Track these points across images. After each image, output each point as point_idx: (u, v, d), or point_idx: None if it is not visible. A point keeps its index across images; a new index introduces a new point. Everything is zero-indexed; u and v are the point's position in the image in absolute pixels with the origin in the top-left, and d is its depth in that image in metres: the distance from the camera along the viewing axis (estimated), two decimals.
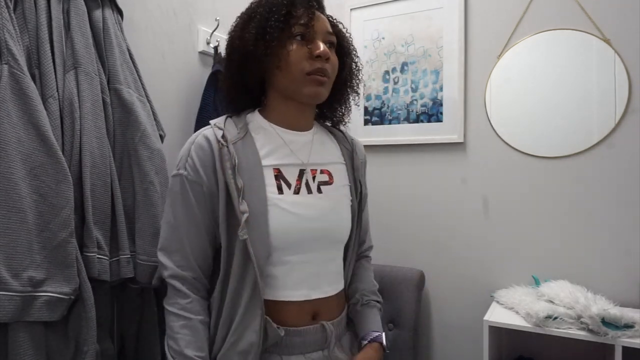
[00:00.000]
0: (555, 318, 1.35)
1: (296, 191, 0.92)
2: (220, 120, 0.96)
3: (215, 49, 1.56)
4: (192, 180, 0.90)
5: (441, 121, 1.81)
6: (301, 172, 0.95)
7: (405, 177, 1.89)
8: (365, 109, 1.96)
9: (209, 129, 0.93)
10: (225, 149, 0.89)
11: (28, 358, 0.92)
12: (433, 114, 1.83)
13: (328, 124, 1.11)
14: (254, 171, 0.89)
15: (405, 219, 1.88)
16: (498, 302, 1.60)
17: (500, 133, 1.72)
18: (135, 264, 1.14)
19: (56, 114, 1.02)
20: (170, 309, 0.90)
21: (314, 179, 0.96)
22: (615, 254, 1.55)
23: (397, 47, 1.90)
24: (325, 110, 1.07)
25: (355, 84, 1.05)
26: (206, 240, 0.92)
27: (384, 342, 1.02)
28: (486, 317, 1.46)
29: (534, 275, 1.64)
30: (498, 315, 1.49)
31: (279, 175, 0.92)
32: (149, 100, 1.25)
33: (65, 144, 1.03)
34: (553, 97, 1.63)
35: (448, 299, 1.81)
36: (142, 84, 1.25)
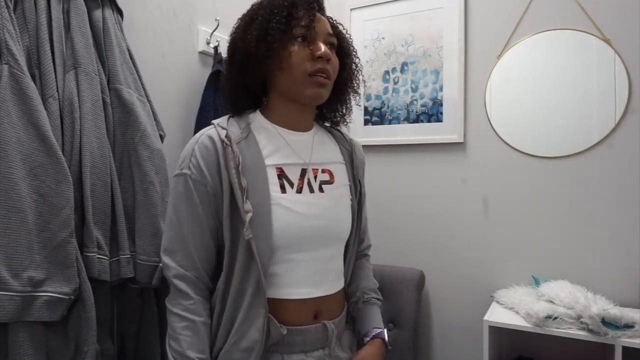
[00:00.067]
0: (555, 318, 1.35)
1: (299, 190, 0.93)
2: (223, 120, 0.96)
3: (215, 49, 1.56)
4: (196, 179, 0.90)
5: (441, 121, 1.81)
6: (303, 172, 0.95)
7: (405, 177, 1.89)
8: (365, 109, 1.96)
9: (212, 128, 0.93)
10: (229, 148, 0.89)
11: (28, 358, 0.92)
12: (433, 114, 1.83)
13: (327, 125, 1.11)
14: (258, 170, 0.90)
15: (405, 219, 1.88)
16: (498, 302, 1.60)
17: (500, 133, 1.72)
18: (135, 264, 1.14)
19: (56, 114, 1.02)
20: (173, 309, 0.90)
21: (315, 178, 0.97)
22: (615, 254, 1.55)
23: (397, 47, 1.90)
24: (325, 111, 1.08)
25: (355, 84, 1.05)
26: (210, 240, 0.92)
27: (386, 339, 1.02)
28: (486, 317, 1.46)
29: (534, 275, 1.64)
30: (498, 315, 1.49)
31: (281, 175, 0.92)
32: (149, 100, 1.25)
33: (65, 144, 1.03)
34: (553, 97, 1.63)
35: (448, 299, 1.81)
36: (142, 84, 1.25)
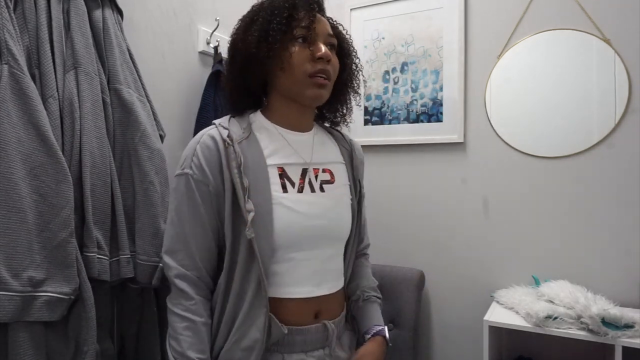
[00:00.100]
0: (555, 318, 1.35)
1: (300, 190, 0.93)
2: (225, 120, 0.96)
3: (215, 49, 1.56)
4: (198, 179, 0.90)
5: (441, 121, 1.81)
6: (304, 171, 0.96)
7: (405, 177, 1.89)
8: (365, 109, 1.96)
9: (213, 128, 0.94)
10: (231, 148, 0.89)
11: (28, 358, 0.92)
12: (433, 114, 1.83)
13: (327, 125, 1.11)
14: (259, 170, 0.90)
15: (405, 219, 1.88)
16: (498, 302, 1.60)
17: (500, 133, 1.72)
18: (135, 264, 1.14)
19: (56, 114, 1.02)
20: (174, 309, 0.90)
21: (316, 177, 0.97)
22: (615, 254, 1.55)
23: (397, 47, 1.90)
24: (325, 111, 1.08)
25: (355, 84, 1.06)
26: (212, 240, 0.92)
27: (386, 336, 1.02)
28: (486, 317, 1.46)
29: (534, 275, 1.64)
30: (498, 315, 1.49)
31: (283, 174, 0.93)
32: (149, 100, 1.25)
33: (65, 144, 1.03)
34: (553, 97, 1.63)
35: (448, 299, 1.81)
36: (142, 84, 1.25)
